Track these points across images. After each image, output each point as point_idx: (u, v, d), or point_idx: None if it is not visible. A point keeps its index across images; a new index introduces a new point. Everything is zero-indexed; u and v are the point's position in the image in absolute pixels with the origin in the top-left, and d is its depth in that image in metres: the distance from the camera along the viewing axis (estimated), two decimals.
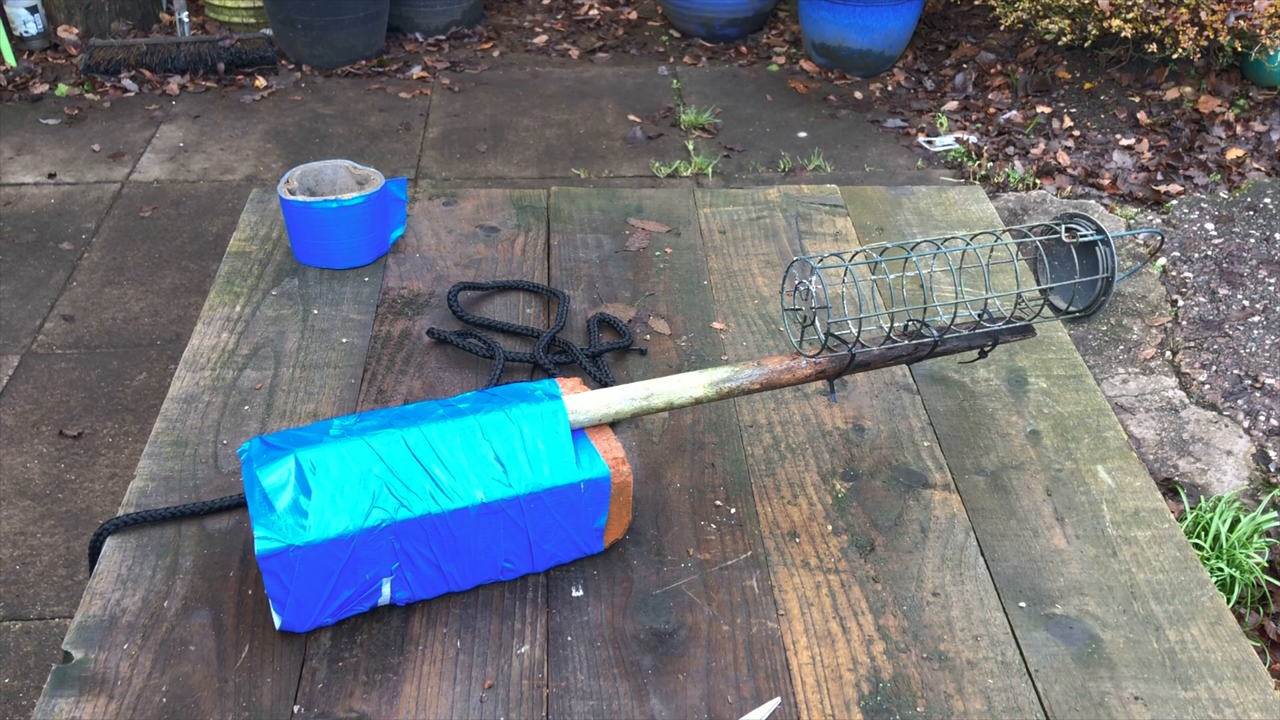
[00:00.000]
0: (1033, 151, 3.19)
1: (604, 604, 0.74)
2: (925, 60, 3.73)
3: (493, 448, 0.72)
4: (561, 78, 3.69)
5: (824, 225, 1.15)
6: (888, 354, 0.76)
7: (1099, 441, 0.88)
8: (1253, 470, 2.10)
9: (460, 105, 3.50)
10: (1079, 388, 0.94)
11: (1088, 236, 0.74)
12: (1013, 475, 0.85)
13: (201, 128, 3.30)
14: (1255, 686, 0.69)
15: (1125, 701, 0.68)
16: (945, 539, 0.79)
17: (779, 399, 0.91)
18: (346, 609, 0.72)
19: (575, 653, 0.71)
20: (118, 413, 2.19)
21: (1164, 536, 0.80)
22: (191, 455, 0.86)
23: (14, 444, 2.12)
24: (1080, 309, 0.76)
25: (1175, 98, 3.33)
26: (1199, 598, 0.75)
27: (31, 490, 2.01)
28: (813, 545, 0.79)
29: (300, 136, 3.18)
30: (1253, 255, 2.69)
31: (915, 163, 3.19)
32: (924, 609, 0.74)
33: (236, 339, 0.98)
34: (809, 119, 3.40)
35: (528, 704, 0.67)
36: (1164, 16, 2.93)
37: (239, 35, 3.65)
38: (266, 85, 3.57)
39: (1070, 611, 0.74)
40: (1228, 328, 2.46)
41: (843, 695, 0.68)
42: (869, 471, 0.85)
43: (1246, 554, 1.78)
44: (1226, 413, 2.24)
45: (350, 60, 3.72)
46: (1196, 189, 2.97)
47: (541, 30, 4.06)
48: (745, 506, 0.82)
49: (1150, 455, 2.13)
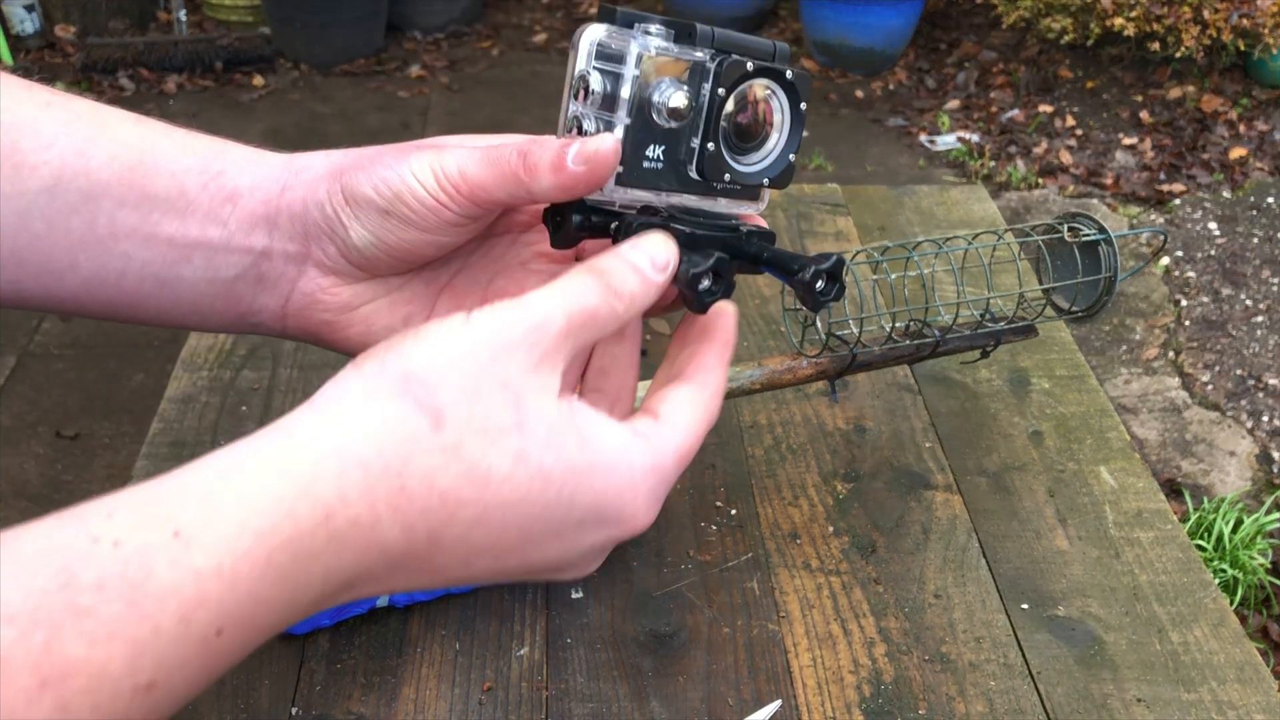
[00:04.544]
0: (1035, 150, 3.19)
1: (604, 606, 0.74)
2: (927, 59, 3.73)
3: None
4: (561, 76, 3.69)
5: (825, 224, 1.15)
6: (889, 354, 0.75)
7: (1102, 442, 0.88)
8: (1256, 471, 2.09)
9: (459, 104, 3.49)
10: (1081, 388, 0.93)
11: (1090, 236, 0.74)
12: (1015, 476, 0.84)
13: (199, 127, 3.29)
14: (1258, 688, 0.69)
15: (1128, 703, 0.68)
16: (947, 540, 0.79)
17: (780, 399, 0.91)
18: (345, 611, 0.71)
19: (575, 655, 0.70)
20: (115, 413, 2.19)
21: (1167, 538, 0.79)
22: (189, 456, 0.85)
23: (11, 445, 2.12)
24: (1083, 309, 0.75)
25: (1178, 97, 3.32)
26: (1202, 599, 0.75)
27: (29, 491, 2.01)
28: (814, 546, 0.78)
29: (298, 135, 3.18)
30: (1256, 255, 2.69)
31: (917, 162, 3.18)
32: (926, 611, 0.74)
33: (234, 339, 0.97)
34: (810, 118, 3.40)
35: (527, 706, 0.67)
36: (1167, 15, 2.92)
37: (237, 34, 3.65)
38: (264, 84, 3.57)
39: (1073, 613, 0.74)
40: (1231, 328, 2.46)
41: (844, 697, 0.68)
42: (870, 472, 0.84)
43: (1250, 555, 1.77)
44: (1230, 413, 2.23)
45: (349, 59, 3.71)
46: (1199, 188, 2.97)
47: (541, 29, 4.06)
48: (746, 507, 0.81)
49: (1153, 456, 2.12)
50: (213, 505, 0.33)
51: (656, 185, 0.46)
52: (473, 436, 0.35)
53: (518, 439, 0.36)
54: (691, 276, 0.44)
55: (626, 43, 0.43)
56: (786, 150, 0.48)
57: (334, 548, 0.34)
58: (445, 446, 0.35)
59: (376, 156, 0.47)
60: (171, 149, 0.48)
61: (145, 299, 0.48)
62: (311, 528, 0.33)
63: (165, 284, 0.48)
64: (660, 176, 0.45)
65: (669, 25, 0.44)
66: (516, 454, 0.36)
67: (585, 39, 0.43)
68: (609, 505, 0.39)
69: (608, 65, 0.43)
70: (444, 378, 0.36)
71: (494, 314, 0.38)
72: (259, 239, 0.48)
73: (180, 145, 0.48)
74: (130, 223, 0.46)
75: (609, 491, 0.38)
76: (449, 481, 0.35)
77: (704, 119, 0.45)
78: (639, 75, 0.43)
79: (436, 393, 0.36)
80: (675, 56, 0.43)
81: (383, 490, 0.34)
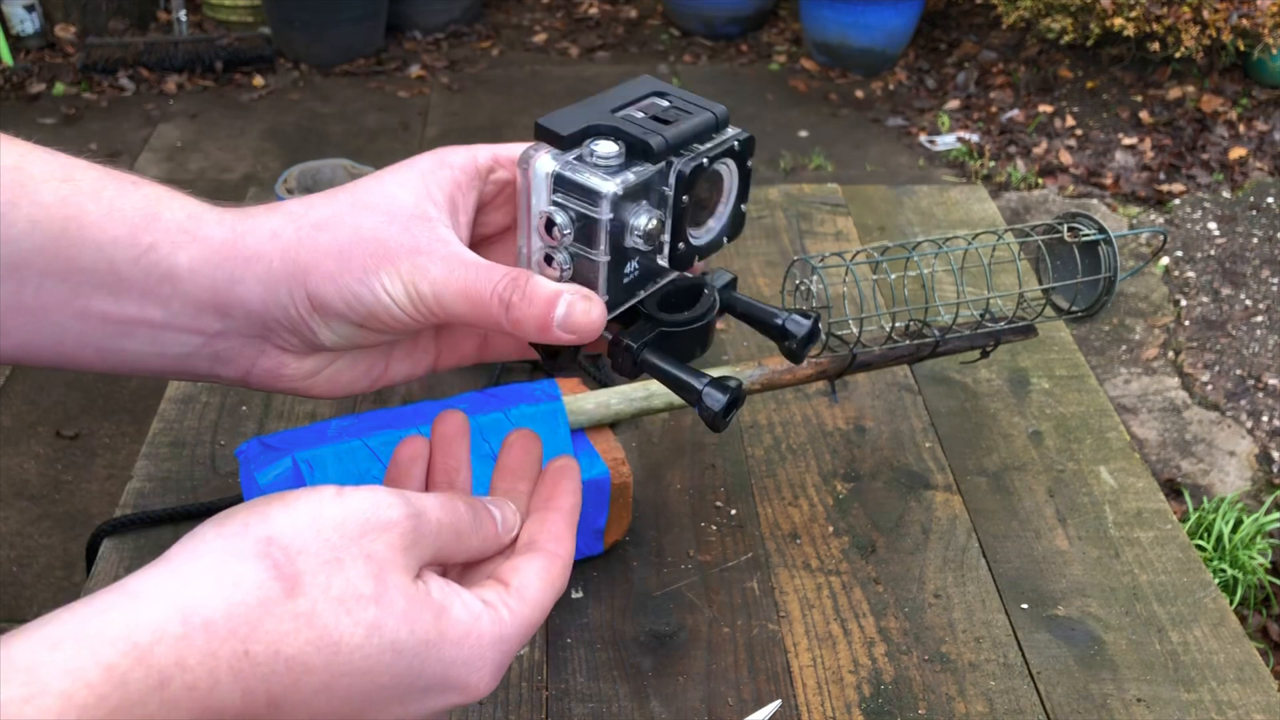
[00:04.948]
0: (1035, 150, 3.19)
1: (604, 606, 0.74)
2: (927, 59, 3.73)
3: (492, 448, 0.71)
4: (561, 76, 3.69)
5: (825, 225, 1.15)
6: (889, 354, 0.75)
7: (1101, 442, 0.88)
8: (1255, 471, 2.09)
9: (459, 104, 3.49)
10: (1081, 388, 0.93)
11: (1090, 236, 0.74)
12: (1015, 476, 0.84)
13: (199, 127, 3.30)
14: (1258, 688, 0.69)
15: (1128, 703, 0.68)
16: (947, 540, 0.79)
17: (780, 399, 0.91)
18: None
19: (575, 655, 0.70)
20: (115, 413, 2.18)
21: (1167, 538, 0.79)
22: (189, 456, 0.85)
23: (11, 445, 2.12)
24: (1083, 309, 0.75)
25: (1178, 97, 3.32)
26: (1202, 599, 0.75)
27: (28, 491, 2.01)
28: (814, 546, 0.78)
29: (298, 135, 3.18)
30: (1256, 255, 2.69)
31: (917, 162, 3.18)
32: (925, 611, 0.74)
33: None
34: (810, 118, 3.40)
35: (527, 706, 0.67)
36: (1166, 15, 2.92)
37: (237, 34, 3.64)
38: (264, 84, 3.57)
39: (1072, 613, 0.74)
40: (1230, 328, 2.46)
41: (844, 697, 0.68)
42: (870, 472, 0.84)
43: (1249, 555, 1.77)
44: (1229, 413, 2.23)
45: (348, 59, 3.71)
46: (1199, 188, 2.97)
47: (541, 29, 4.05)
48: (746, 508, 0.81)
49: (1153, 456, 2.12)
50: (37, 682, 0.31)
51: (635, 292, 0.46)
52: (328, 605, 0.36)
53: (375, 610, 0.37)
54: (720, 412, 0.45)
55: (586, 177, 0.41)
56: (737, 204, 0.48)
57: (166, 711, 0.33)
58: (298, 613, 0.35)
59: (342, 259, 0.43)
60: (98, 215, 0.43)
61: (88, 364, 0.45)
62: (143, 695, 0.32)
63: (107, 353, 0.45)
64: (636, 283, 0.46)
65: (614, 136, 0.42)
66: (370, 625, 0.37)
67: (538, 171, 0.42)
68: (454, 675, 0.39)
69: (570, 200, 0.42)
70: (307, 545, 0.36)
71: (373, 494, 0.39)
72: (210, 323, 0.45)
73: (107, 210, 0.43)
74: (60, 295, 0.43)
75: (456, 662, 0.39)
76: (296, 648, 0.35)
77: (672, 222, 0.44)
78: (613, 217, 0.42)
79: (297, 559, 0.36)
80: (639, 180, 0.42)
81: (225, 654, 0.34)
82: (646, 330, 0.46)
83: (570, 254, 0.43)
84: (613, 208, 0.41)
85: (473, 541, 0.43)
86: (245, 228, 0.44)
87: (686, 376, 0.46)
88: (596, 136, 0.42)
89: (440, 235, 0.44)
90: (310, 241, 0.44)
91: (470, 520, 0.43)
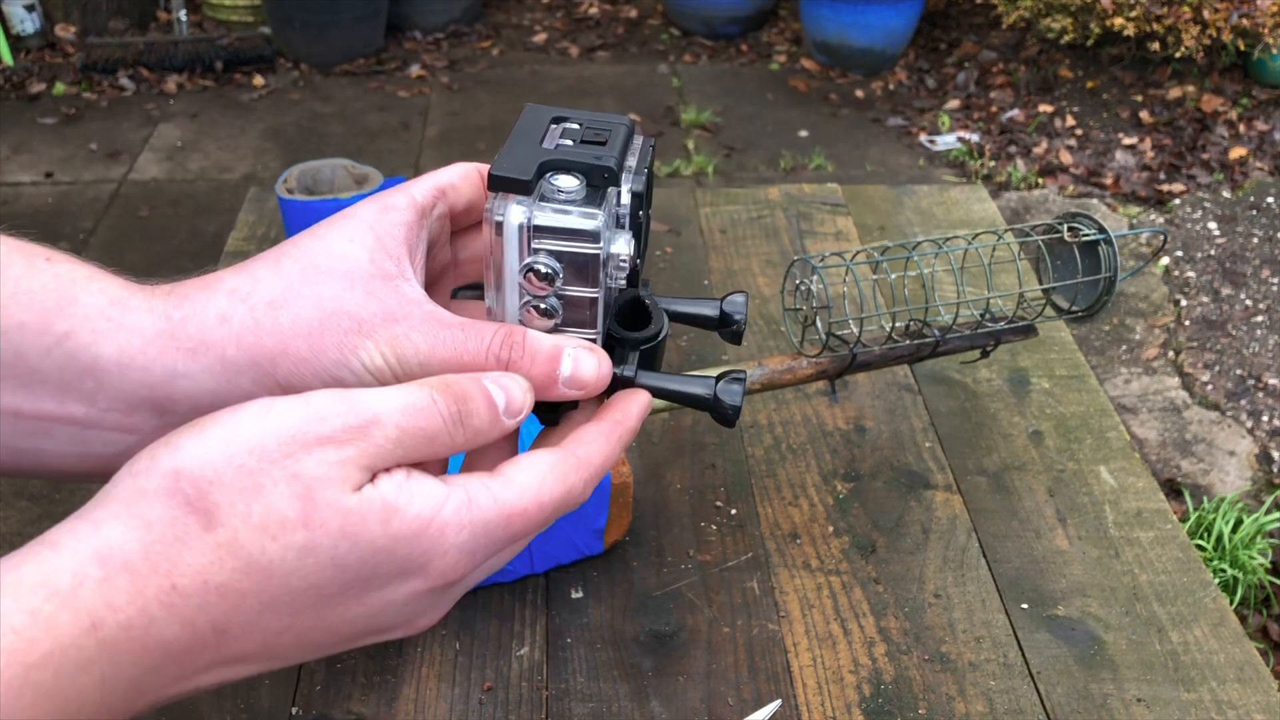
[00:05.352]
0: (1035, 150, 3.19)
1: (604, 606, 0.74)
2: (927, 59, 3.73)
3: None
4: (561, 76, 3.69)
5: (825, 225, 1.15)
6: (889, 354, 0.75)
7: (1101, 442, 0.88)
8: (1256, 471, 2.09)
9: (459, 104, 3.49)
10: (1081, 388, 0.93)
11: (1090, 236, 0.74)
12: (1015, 476, 0.84)
13: (199, 127, 3.30)
14: (1258, 688, 0.69)
15: (1128, 703, 0.68)
16: (947, 540, 0.79)
17: (780, 399, 0.91)
18: None
19: (575, 654, 0.70)
20: None
21: (1167, 537, 0.79)
22: None
23: None
24: (1083, 309, 0.75)
25: (1178, 97, 3.32)
26: (1202, 599, 0.75)
27: (29, 491, 2.01)
28: (814, 546, 0.78)
29: (298, 135, 3.18)
30: (1256, 255, 2.69)
31: (917, 162, 3.18)
32: (925, 610, 0.74)
33: None
34: (810, 118, 3.40)
35: (527, 706, 0.67)
36: (1166, 15, 2.92)
37: (237, 34, 3.65)
38: (264, 84, 3.57)
39: (1072, 613, 0.74)
40: (1231, 328, 2.46)
41: (844, 697, 0.68)
42: (870, 472, 0.84)
43: (1249, 555, 1.77)
44: (1229, 413, 2.23)
45: (349, 59, 3.71)
46: (1199, 188, 2.97)
47: (541, 28, 4.05)
48: (746, 507, 0.81)
49: (1153, 456, 2.12)
50: None
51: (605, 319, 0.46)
52: (250, 533, 0.34)
53: (303, 534, 0.35)
54: (740, 405, 0.45)
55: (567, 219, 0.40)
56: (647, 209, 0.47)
57: (107, 654, 0.33)
58: (219, 544, 0.34)
59: (311, 340, 0.39)
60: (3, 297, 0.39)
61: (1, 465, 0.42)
62: (75, 638, 0.32)
63: (23, 454, 0.41)
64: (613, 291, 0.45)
65: (569, 170, 0.41)
66: (302, 548, 0.35)
67: (511, 222, 0.40)
68: (413, 565, 0.37)
69: (558, 244, 0.41)
70: (220, 474, 0.34)
71: (305, 404, 0.36)
72: (144, 420, 0.41)
73: (12, 292, 0.39)
74: None
75: (413, 555, 0.37)
76: (224, 577, 0.34)
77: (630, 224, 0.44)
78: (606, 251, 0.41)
79: (210, 491, 0.34)
80: (607, 206, 0.42)
81: (152, 591, 0.33)
82: (628, 355, 0.45)
83: (556, 297, 0.42)
84: (604, 241, 0.41)
85: (455, 437, 0.38)
86: (183, 314, 0.40)
87: (689, 387, 0.46)
88: (554, 173, 0.41)
89: (408, 295, 0.41)
90: (270, 324, 0.40)
91: (447, 416, 0.38)
